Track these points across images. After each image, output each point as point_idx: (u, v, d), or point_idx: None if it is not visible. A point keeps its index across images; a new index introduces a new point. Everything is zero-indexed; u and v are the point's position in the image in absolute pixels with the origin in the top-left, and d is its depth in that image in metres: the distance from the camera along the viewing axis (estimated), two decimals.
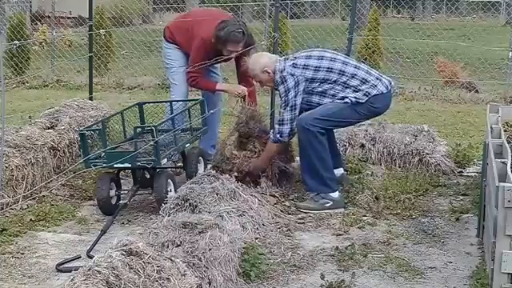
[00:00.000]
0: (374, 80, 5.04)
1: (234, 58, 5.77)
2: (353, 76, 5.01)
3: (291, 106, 4.99)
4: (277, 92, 5.60)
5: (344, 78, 5.00)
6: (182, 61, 5.95)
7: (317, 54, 5.10)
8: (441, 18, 23.41)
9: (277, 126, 5.08)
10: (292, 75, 4.97)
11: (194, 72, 5.71)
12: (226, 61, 5.89)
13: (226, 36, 5.52)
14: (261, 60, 5.16)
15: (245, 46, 5.63)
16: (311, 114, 4.97)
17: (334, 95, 5.01)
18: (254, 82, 5.57)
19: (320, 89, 5.02)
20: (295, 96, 4.97)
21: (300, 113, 5.04)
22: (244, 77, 5.72)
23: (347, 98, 4.97)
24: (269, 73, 5.08)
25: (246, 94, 5.64)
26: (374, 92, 4.99)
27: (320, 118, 4.95)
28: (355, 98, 4.96)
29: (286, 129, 5.03)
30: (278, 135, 5.05)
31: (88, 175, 5.64)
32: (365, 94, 4.98)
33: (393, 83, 5.24)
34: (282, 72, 5.00)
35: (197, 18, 5.90)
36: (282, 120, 5.02)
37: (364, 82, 5.01)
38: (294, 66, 5.01)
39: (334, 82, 5.00)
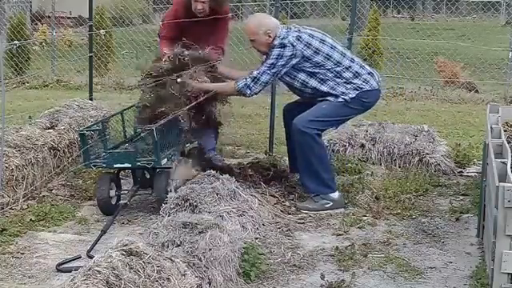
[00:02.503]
0: (366, 75, 5.03)
1: (208, 23, 5.63)
2: (347, 68, 4.99)
3: (274, 72, 4.91)
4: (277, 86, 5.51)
5: (338, 69, 4.96)
6: None
7: (319, 36, 5.03)
8: (441, 18, 23.45)
9: (249, 81, 4.93)
10: (293, 46, 4.89)
11: (164, 37, 5.75)
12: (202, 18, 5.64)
13: None
14: (267, 21, 5.03)
15: (213, 4, 5.53)
16: (306, 116, 4.94)
17: (322, 80, 4.96)
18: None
19: (310, 70, 4.96)
20: (283, 66, 4.91)
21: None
22: (214, 43, 5.64)
23: (336, 95, 4.92)
24: (270, 37, 4.96)
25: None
26: (367, 87, 4.98)
27: (315, 119, 4.93)
28: (346, 93, 4.93)
29: (257, 88, 4.95)
30: (248, 90, 4.94)
31: (88, 175, 5.64)
32: (355, 89, 4.96)
33: (380, 79, 5.23)
34: (283, 38, 4.90)
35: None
36: (258, 79, 4.92)
37: (357, 75, 4.99)
38: (298, 38, 4.92)
39: (328, 69, 4.96)
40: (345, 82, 4.97)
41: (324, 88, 4.98)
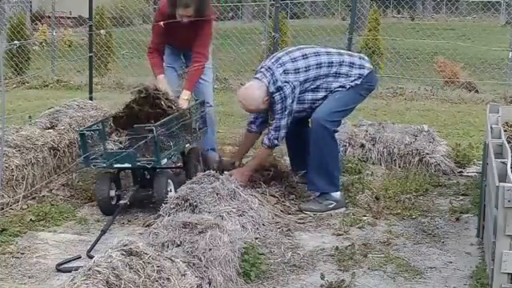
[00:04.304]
0: (359, 60, 5.13)
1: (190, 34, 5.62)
2: (340, 64, 5.03)
3: (288, 112, 4.93)
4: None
5: (334, 69, 5.00)
6: (170, 59, 5.89)
7: (300, 54, 5.03)
8: (441, 18, 23.44)
9: (273, 133, 4.99)
10: (287, 82, 4.90)
11: (152, 47, 5.72)
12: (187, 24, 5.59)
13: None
14: (255, 94, 4.93)
15: (196, 12, 5.48)
16: (324, 110, 4.94)
17: (327, 88, 5.01)
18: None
19: (313, 86, 4.99)
20: (292, 102, 4.92)
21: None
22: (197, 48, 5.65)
23: (343, 86, 4.99)
24: (268, 99, 4.95)
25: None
26: (366, 72, 5.06)
27: (335, 110, 4.95)
28: (352, 80, 5.00)
29: (283, 133, 5.00)
30: (276, 141, 5.01)
31: (88, 175, 5.64)
32: (358, 77, 5.02)
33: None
34: (275, 82, 4.89)
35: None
36: (279, 127, 4.96)
37: (352, 65, 5.05)
38: (285, 72, 4.92)
39: (326, 75, 4.99)
40: (346, 76, 5.01)
41: (332, 92, 5.03)
